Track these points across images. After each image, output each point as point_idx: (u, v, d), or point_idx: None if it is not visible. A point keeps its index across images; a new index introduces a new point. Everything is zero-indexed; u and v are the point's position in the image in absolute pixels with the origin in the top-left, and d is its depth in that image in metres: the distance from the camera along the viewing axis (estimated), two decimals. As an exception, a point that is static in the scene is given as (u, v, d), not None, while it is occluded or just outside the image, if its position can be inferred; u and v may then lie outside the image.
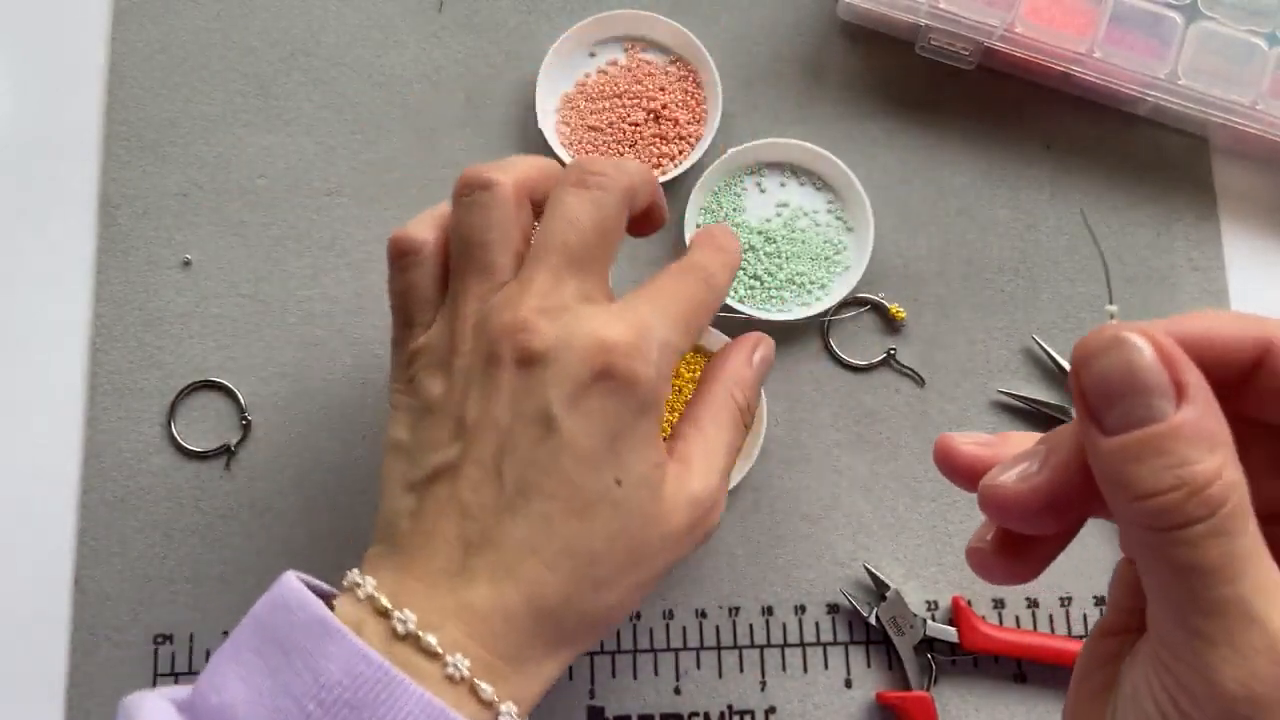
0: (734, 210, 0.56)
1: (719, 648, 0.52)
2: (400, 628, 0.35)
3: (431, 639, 0.34)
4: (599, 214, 0.39)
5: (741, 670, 0.51)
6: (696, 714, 0.51)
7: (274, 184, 0.57)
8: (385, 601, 0.35)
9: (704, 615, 0.52)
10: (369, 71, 0.58)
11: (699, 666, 0.51)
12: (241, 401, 0.54)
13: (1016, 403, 0.54)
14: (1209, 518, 0.22)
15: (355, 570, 0.38)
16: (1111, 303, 0.26)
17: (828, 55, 0.58)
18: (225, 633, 0.51)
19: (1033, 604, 0.52)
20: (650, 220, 0.44)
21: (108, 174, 0.56)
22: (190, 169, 0.57)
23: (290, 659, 0.34)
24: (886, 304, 0.55)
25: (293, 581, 0.36)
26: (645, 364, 0.37)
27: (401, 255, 0.41)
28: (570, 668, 0.51)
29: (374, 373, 0.54)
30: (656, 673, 0.51)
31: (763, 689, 0.51)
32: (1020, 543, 0.28)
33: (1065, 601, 0.52)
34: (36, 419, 0.54)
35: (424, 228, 0.41)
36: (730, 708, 0.51)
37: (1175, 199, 0.57)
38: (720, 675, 0.51)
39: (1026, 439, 0.28)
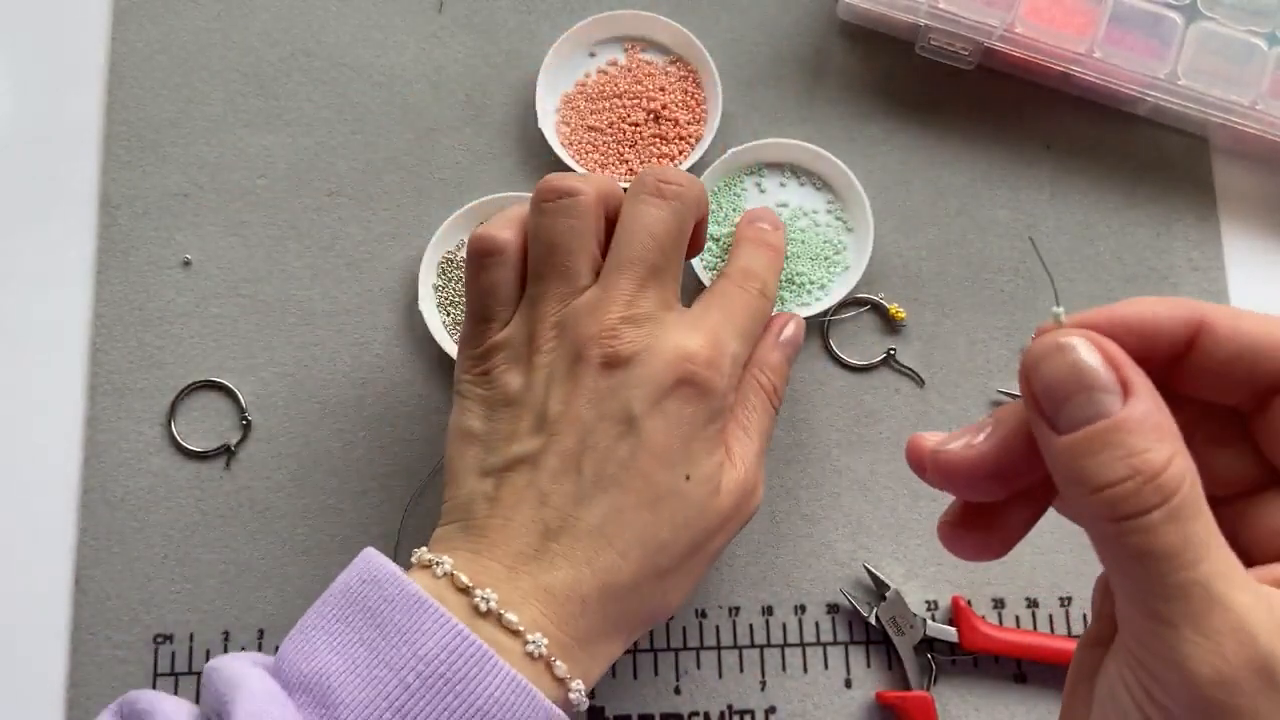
0: (734, 210, 0.56)
1: (719, 647, 0.52)
2: (482, 605, 0.37)
3: (513, 617, 0.37)
4: (676, 223, 0.42)
5: (741, 670, 0.51)
6: (696, 714, 0.51)
7: (274, 184, 0.57)
8: (465, 579, 0.37)
9: (704, 615, 0.52)
10: (369, 72, 0.58)
11: (699, 666, 0.51)
12: (242, 401, 0.54)
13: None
14: (1164, 504, 0.23)
15: (424, 549, 0.40)
16: (1058, 304, 0.27)
17: (827, 55, 0.58)
18: (225, 633, 0.51)
19: (1033, 604, 0.52)
20: (695, 243, 0.46)
21: (108, 174, 0.56)
22: (190, 169, 0.57)
23: (385, 632, 0.35)
24: (886, 304, 0.55)
25: (379, 558, 0.38)
26: (720, 374, 0.40)
27: (485, 254, 0.43)
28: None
29: (374, 373, 0.54)
30: (656, 672, 0.51)
31: (763, 689, 0.51)
32: (982, 516, 0.29)
33: (1065, 601, 0.52)
34: (37, 419, 0.54)
35: (506, 229, 0.43)
36: (730, 708, 0.51)
37: (1175, 199, 0.57)
38: (720, 675, 0.51)
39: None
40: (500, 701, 0.35)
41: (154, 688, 0.51)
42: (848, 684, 0.51)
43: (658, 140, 0.56)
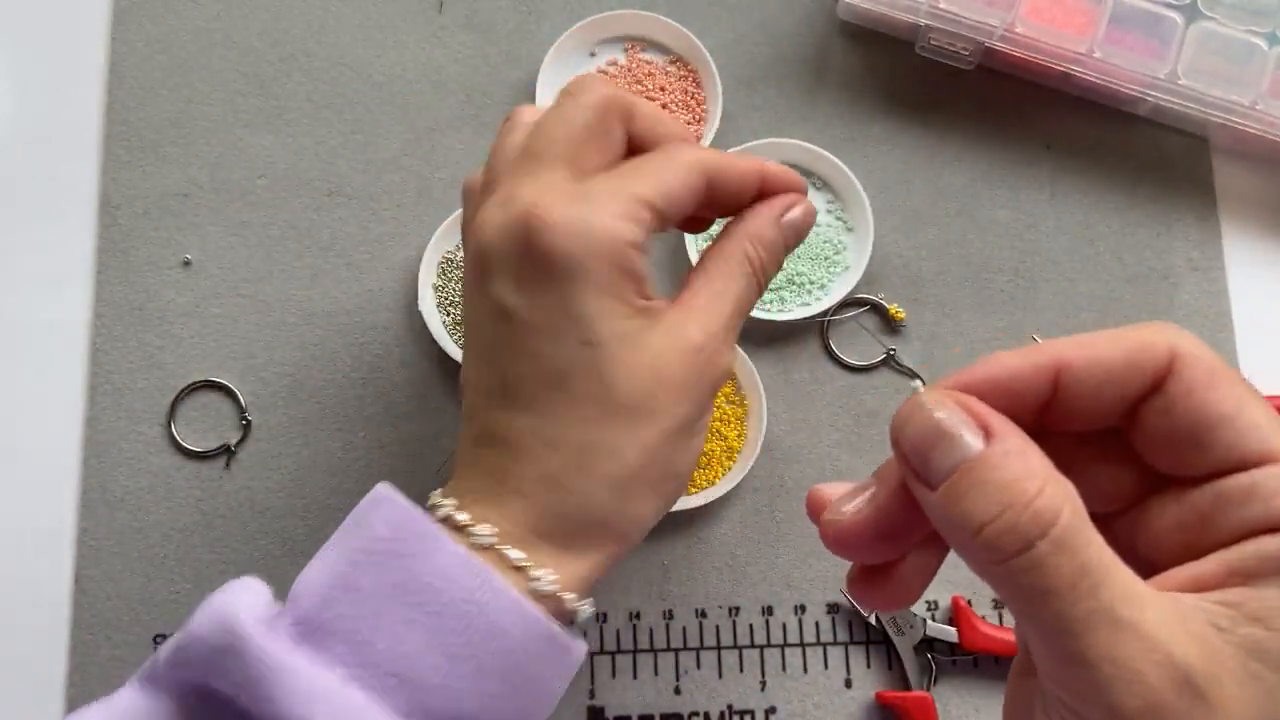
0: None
1: (719, 648, 0.52)
2: (438, 513, 0.36)
3: (463, 516, 0.35)
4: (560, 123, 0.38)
5: (741, 670, 0.51)
6: (696, 714, 0.51)
7: (274, 184, 0.57)
8: (437, 498, 0.37)
9: (704, 615, 0.52)
10: (369, 71, 0.58)
11: (699, 666, 0.51)
12: (242, 401, 0.54)
13: (1016, 403, 0.54)
14: (1045, 534, 0.23)
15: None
16: (917, 379, 0.28)
17: (828, 55, 0.58)
18: (225, 632, 0.51)
19: (1033, 604, 0.52)
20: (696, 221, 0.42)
21: (108, 174, 0.56)
22: (190, 169, 0.57)
23: (351, 528, 0.36)
24: (886, 304, 0.55)
25: (381, 486, 0.37)
26: (554, 235, 0.35)
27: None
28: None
29: (374, 373, 0.54)
30: (656, 673, 0.51)
31: (763, 689, 0.51)
32: (883, 571, 0.28)
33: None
34: (37, 419, 0.54)
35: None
36: (730, 707, 0.51)
37: (1175, 199, 0.57)
38: (720, 675, 0.51)
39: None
40: (447, 575, 0.33)
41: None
42: (848, 684, 0.51)
43: (658, 140, 0.56)
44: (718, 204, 0.39)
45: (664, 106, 0.56)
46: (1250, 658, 0.23)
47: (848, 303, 0.55)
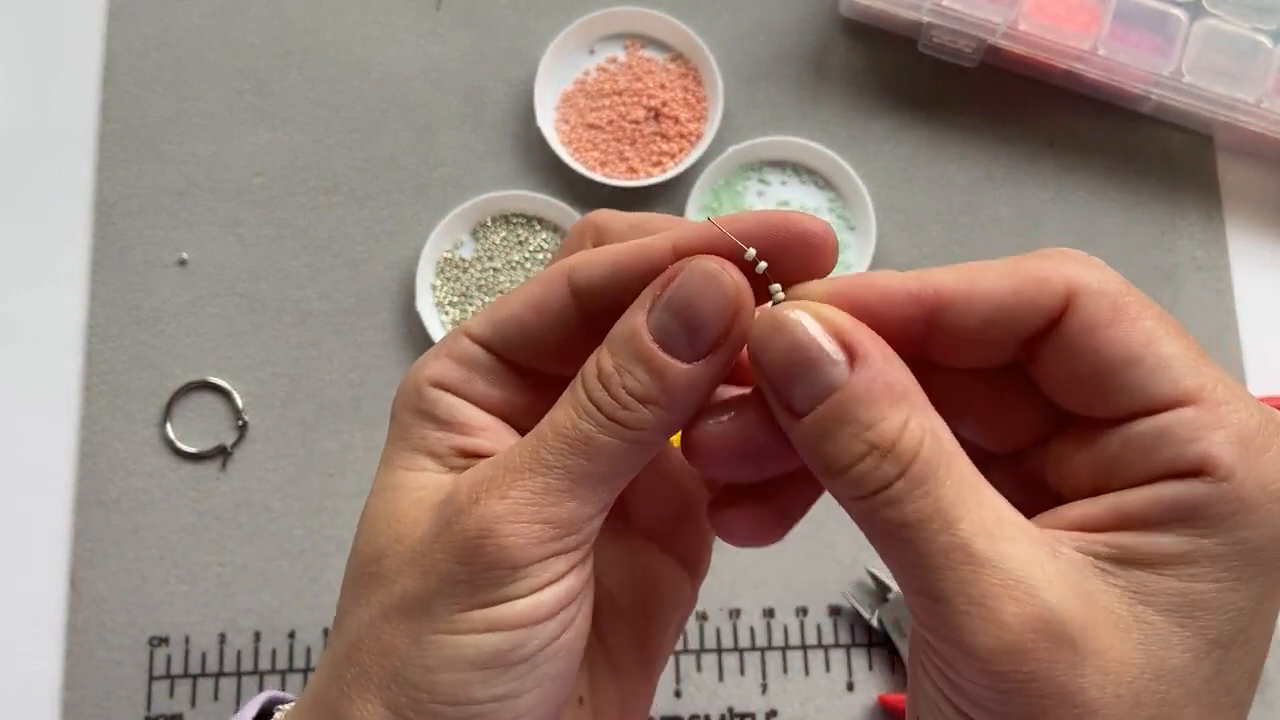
0: (734, 210, 0.55)
1: (719, 650, 0.51)
2: None
3: None
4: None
5: (742, 673, 0.51)
6: (697, 717, 0.50)
7: (271, 182, 0.56)
8: None
9: (704, 618, 0.52)
10: (367, 69, 0.58)
11: (699, 669, 0.51)
12: (238, 402, 0.53)
13: (1019, 403, 0.54)
14: (904, 472, 0.21)
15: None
16: (773, 282, 0.25)
17: (829, 52, 0.58)
18: (221, 635, 0.50)
19: (1036, 606, 0.52)
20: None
21: (103, 172, 0.56)
22: (186, 167, 0.56)
23: None
24: None
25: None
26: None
27: None
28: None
29: (371, 373, 0.54)
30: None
31: (764, 692, 0.51)
32: (746, 497, 0.26)
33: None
34: (31, 419, 0.53)
35: None
36: (731, 710, 0.51)
37: (1180, 197, 0.56)
38: (721, 678, 0.51)
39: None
40: None
41: (149, 690, 0.50)
42: (849, 686, 0.51)
43: (658, 138, 0.56)
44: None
45: (664, 104, 0.56)
46: (1136, 601, 0.21)
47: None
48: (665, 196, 0.56)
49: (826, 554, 0.52)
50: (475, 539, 0.24)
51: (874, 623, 0.51)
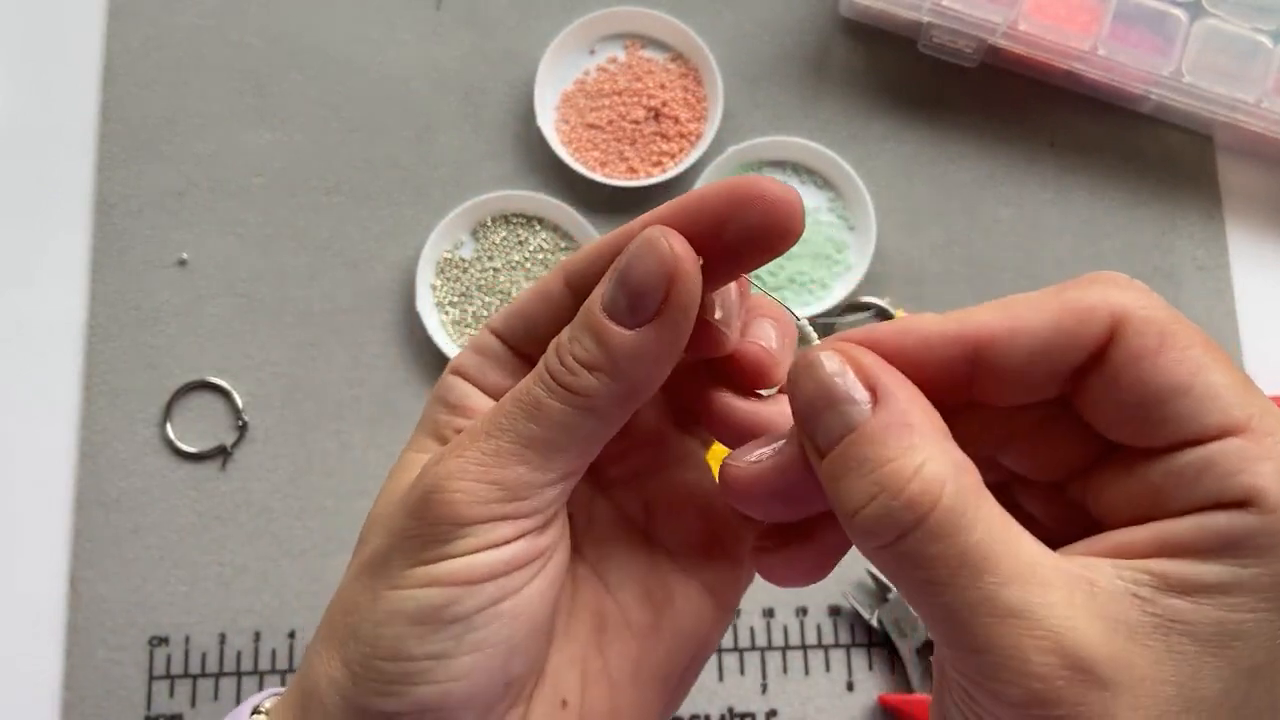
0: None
1: (720, 650, 0.51)
2: None
3: None
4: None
5: (742, 673, 0.51)
6: (697, 716, 0.50)
7: (271, 182, 0.56)
8: None
9: (704, 617, 0.51)
10: (367, 69, 0.58)
11: (699, 669, 0.51)
12: (238, 402, 0.53)
13: (1020, 403, 0.54)
14: (921, 522, 0.21)
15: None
16: (810, 328, 0.25)
17: (829, 52, 0.58)
18: (221, 635, 0.50)
19: (1036, 606, 0.52)
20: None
21: (103, 172, 0.56)
22: (186, 167, 0.56)
23: None
24: (891, 309, 0.54)
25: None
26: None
27: None
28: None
29: (371, 373, 0.54)
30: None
31: (764, 691, 0.51)
32: (788, 533, 0.26)
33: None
34: (31, 419, 0.53)
35: None
36: (731, 710, 0.50)
37: (1180, 197, 0.56)
38: (721, 678, 0.51)
39: None
40: None
41: (149, 690, 0.50)
42: (849, 687, 0.51)
43: (658, 138, 0.56)
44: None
45: (664, 104, 0.56)
46: (1172, 631, 0.21)
47: (853, 306, 0.54)
48: (665, 196, 0.56)
49: (826, 554, 0.52)
50: (425, 494, 0.25)
51: (874, 623, 0.51)
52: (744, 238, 0.24)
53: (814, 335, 0.25)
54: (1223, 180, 0.57)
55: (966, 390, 0.24)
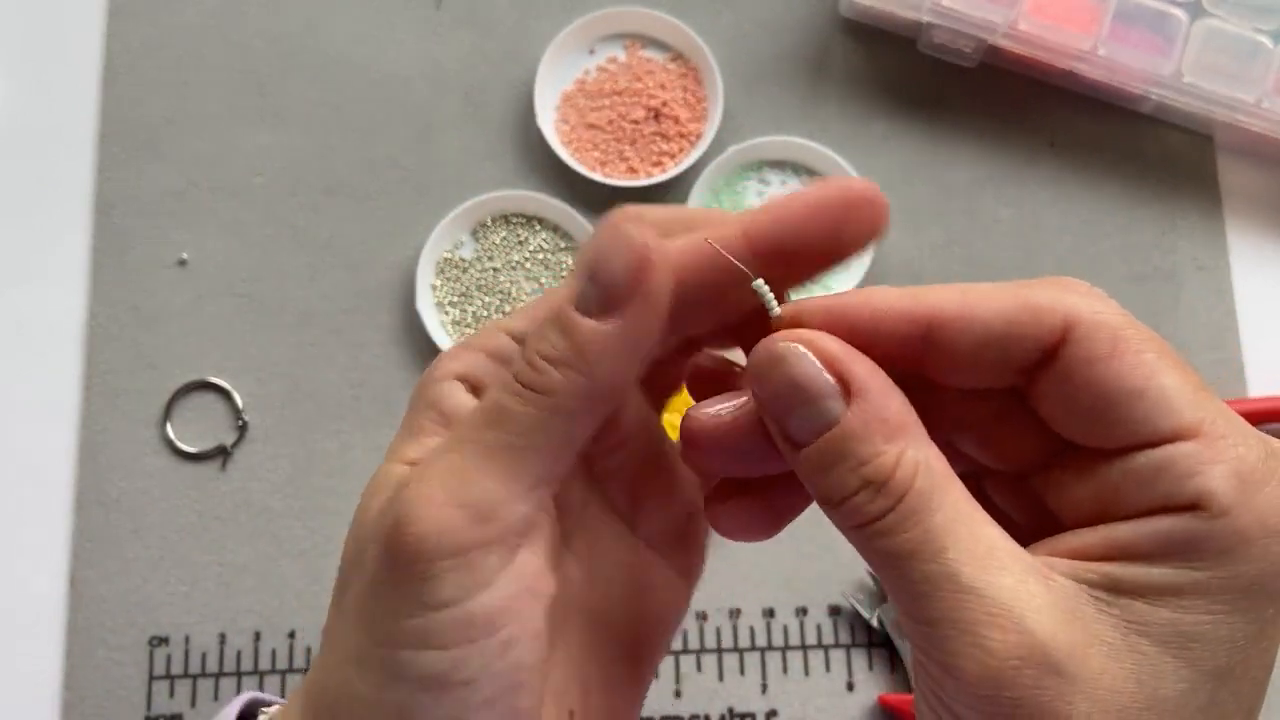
0: (734, 209, 0.55)
1: (719, 650, 0.51)
2: None
3: None
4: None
5: (742, 673, 0.51)
6: (697, 717, 0.50)
7: (271, 182, 0.56)
8: None
9: (704, 618, 0.51)
10: (367, 69, 0.58)
11: (699, 669, 0.51)
12: (238, 402, 0.53)
13: (1020, 403, 0.54)
14: (896, 506, 0.22)
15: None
16: (775, 305, 0.25)
17: (830, 52, 0.58)
18: (221, 635, 0.50)
19: (1036, 606, 0.52)
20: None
21: (103, 172, 0.56)
22: (186, 167, 0.56)
23: None
24: None
25: None
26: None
27: None
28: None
29: (371, 373, 0.54)
30: (657, 675, 0.51)
31: (764, 692, 0.51)
32: (744, 493, 0.26)
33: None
34: (31, 419, 0.53)
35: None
36: (731, 710, 0.51)
37: (1180, 197, 0.56)
38: (721, 678, 0.51)
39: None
40: None
41: (149, 690, 0.50)
42: (850, 687, 0.51)
43: (658, 138, 0.56)
44: None
45: (664, 104, 0.56)
46: (1130, 631, 0.21)
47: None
48: (665, 197, 0.56)
49: (826, 554, 0.52)
50: (393, 529, 0.23)
51: (874, 623, 0.51)
52: (844, 241, 0.25)
53: (774, 303, 0.25)
54: (1223, 180, 0.57)
55: (919, 365, 0.24)
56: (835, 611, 0.52)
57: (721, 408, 0.25)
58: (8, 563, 0.52)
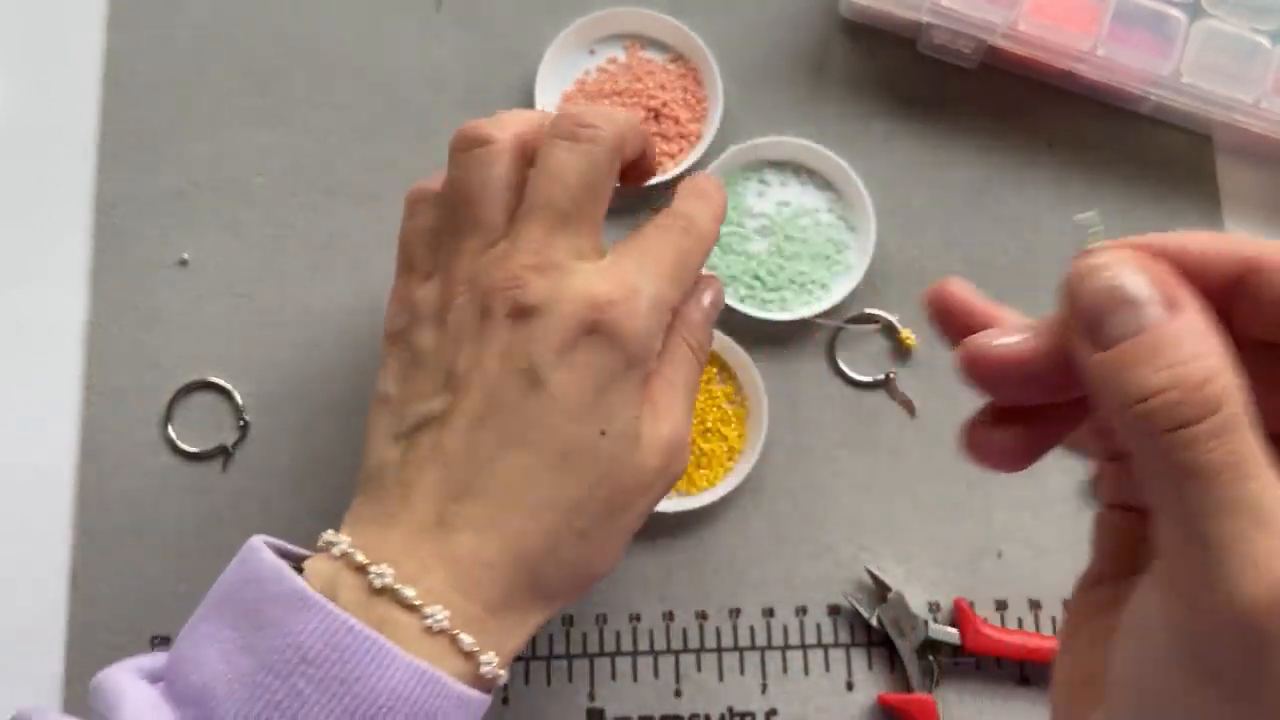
0: (734, 210, 0.55)
1: (719, 649, 0.51)
2: (377, 581, 0.35)
3: (409, 592, 0.35)
4: (589, 168, 0.39)
5: (742, 672, 0.51)
6: (697, 716, 0.51)
7: (271, 183, 0.56)
8: (361, 557, 0.35)
9: (704, 617, 0.52)
10: (367, 69, 0.58)
11: (699, 669, 0.51)
12: (239, 402, 0.53)
13: (1019, 403, 0.54)
14: (1209, 416, 0.22)
15: (331, 530, 0.39)
16: (1097, 225, 0.27)
17: (829, 53, 0.58)
18: (222, 635, 0.50)
19: (1035, 606, 0.52)
20: (640, 171, 0.44)
21: (104, 173, 0.56)
22: (187, 167, 0.56)
23: (267, 634, 0.33)
24: (900, 327, 0.54)
25: (264, 553, 0.36)
26: (633, 319, 0.37)
27: (413, 200, 0.43)
28: (570, 669, 0.50)
29: (372, 374, 0.54)
30: (657, 675, 0.51)
31: (763, 691, 0.51)
32: (1012, 415, 0.28)
33: (1068, 604, 0.52)
34: (32, 420, 0.53)
35: (436, 178, 0.43)
36: (731, 710, 0.51)
37: (1179, 198, 0.57)
38: (721, 678, 0.51)
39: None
40: (401, 694, 0.33)
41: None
42: (849, 686, 0.51)
43: (658, 138, 0.56)
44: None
45: (664, 105, 0.56)
46: None
47: (860, 318, 0.54)
48: (665, 197, 0.56)
49: (826, 554, 0.52)
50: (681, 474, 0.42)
51: (873, 622, 0.51)
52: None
53: (1100, 233, 0.26)
54: (1221, 181, 0.57)
55: (1224, 312, 0.25)
56: (835, 611, 0.52)
57: (1007, 340, 0.27)
58: (9, 562, 0.52)
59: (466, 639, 0.35)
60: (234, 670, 0.33)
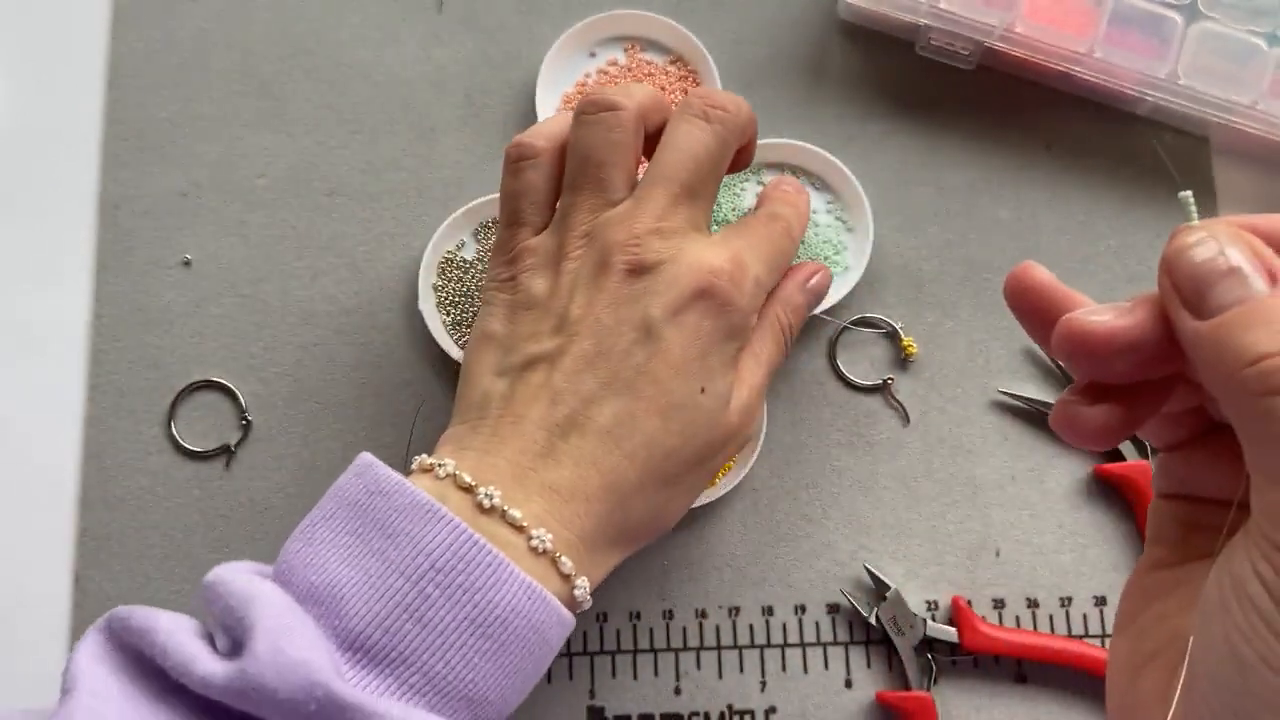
0: (733, 211, 0.56)
1: (719, 648, 0.52)
2: (485, 502, 0.37)
3: (516, 513, 0.37)
4: (718, 148, 0.43)
5: (741, 670, 0.51)
6: (696, 714, 0.51)
7: (274, 184, 0.57)
8: (469, 478, 0.38)
9: (704, 615, 0.52)
10: (369, 71, 0.58)
11: (699, 667, 0.51)
12: (241, 401, 0.54)
13: (1016, 403, 0.54)
14: None
15: (424, 455, 0.40)
16: (1194, 206, 0.28)
17: (827, 55, 0.58)
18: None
19: (1033, 604, 0.52)
20: (743, 159, 0.47)
21: (107, 174, 0.56)
22: (190, 169, 0.57)
23: (397, 542, 0.35)
24: (903, 334, 0.55)
25: (381, 468, 0.38)
26: (740, 292, 0.41)
27: (520, 158, 0.44)
28: (570, 667, 0.51)
29: (374, 373, 0.54)
30: (656, 673, 0.51)
31: (763, 689, 0.51)
32: (1102, 397, 0.29)
33: (1065, 602, 0.52)
34: (36, 419, 0.54)
35: (543, 138, 0.45)
36: (730, 708, 0.51)
37: (1176, 199, 0.57)
38: (720, 675, 0.51)
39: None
40: (514, 607, 0.35)
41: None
42: (848, 684, 0.51)
43: (658, 140, 0.56)
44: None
45: (664, 106, 0.56)
46: None
47: (863, 322, 0.55)
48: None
49: (825, 552, 0.52)
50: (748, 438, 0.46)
51: (872, 620, 0.51)
52: None
53: (1194, 214, 0.28)
54: (1218, 182, 0.57)
55: None
56: (834, 609, 0.52)
57: (1104, 318, 0.27)
58: (12, 561, 0.52)
59: (567, 561, 0.37)
60: (361, 573, 0.35)
